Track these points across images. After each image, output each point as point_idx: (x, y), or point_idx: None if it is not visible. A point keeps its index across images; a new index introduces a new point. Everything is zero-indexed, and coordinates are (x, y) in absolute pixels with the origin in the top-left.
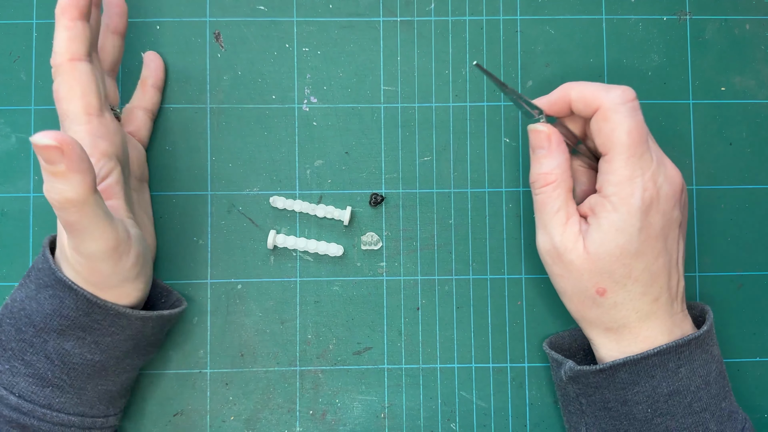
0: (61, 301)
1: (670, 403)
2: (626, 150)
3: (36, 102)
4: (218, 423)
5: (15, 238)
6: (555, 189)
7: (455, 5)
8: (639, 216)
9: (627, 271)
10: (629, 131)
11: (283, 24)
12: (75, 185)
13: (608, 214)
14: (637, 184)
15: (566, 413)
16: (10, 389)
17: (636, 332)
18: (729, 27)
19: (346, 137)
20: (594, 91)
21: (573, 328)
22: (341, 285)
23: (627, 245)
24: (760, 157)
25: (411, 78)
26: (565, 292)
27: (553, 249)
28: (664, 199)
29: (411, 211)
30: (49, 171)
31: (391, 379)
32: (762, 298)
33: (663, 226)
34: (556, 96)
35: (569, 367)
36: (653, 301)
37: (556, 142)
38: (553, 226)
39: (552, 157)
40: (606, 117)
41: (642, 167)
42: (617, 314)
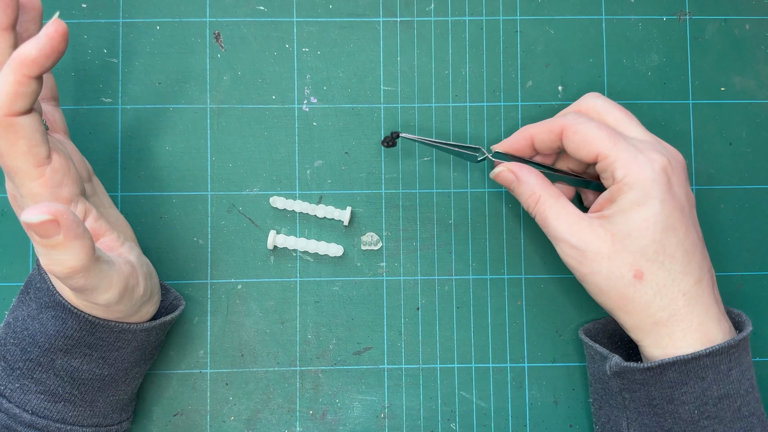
0: (63, 322)
1: (720, 406)
2: (609, 138)
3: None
4: (218, 423)
5: (15, 238)
6: (544, 203)
7: (455, 5)
8: (657, 186)
9: (660, 246)
10: (599, 126)
11: (283, 24)
12: (77, 252)
13: (626, 194)
14: (642, 159)
15: (605, 407)
16: (23, 407)
17: (689, 320)
18: (729, 27)
19: (346, 137)
20: (551, 123)
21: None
22: (341, 285)
23: (652, 218)
24: (760, 157)
25: (411, 78)
26: (601, 289)
27: (574, 250)
28: (677, 172)
29: (411, 211)
30: (46, 245)
31: (391, 379)
32: (762, 298)
33: (684, 201)
34: (517, 137)
35: (615, 363)
36: (696, 283)
37: (518, 170)
38: (563, 231)
39: (525, 184)
40: (574, 131)
41: (636, 147)
42: (663, 299)
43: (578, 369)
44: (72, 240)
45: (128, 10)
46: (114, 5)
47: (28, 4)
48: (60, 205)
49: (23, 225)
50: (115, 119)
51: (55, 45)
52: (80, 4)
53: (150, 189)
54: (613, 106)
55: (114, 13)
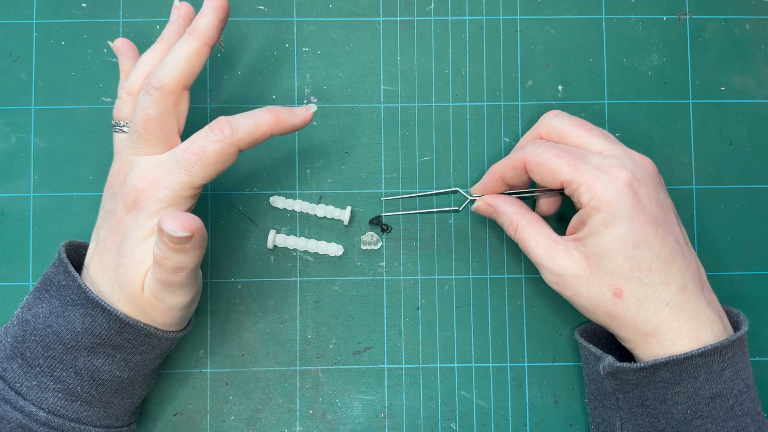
0: (93, 320)
1: (712, 405)
2: (569, 165)
3: (36, 102)
4: (218, 423)
5: (15, 238)
6: (523, 229)
7: (455, 5)
8: (622, 205)
9: (634, 263)
10: (557, 155)
11: (283, 24)
12: (194, 257)
13: (594, 217)
14: (605, 179)
15: (599, 407)
16: (39, 405)
17: (677, 327)
18: (729, 27)
19: (346, 137)
20: (513, 158)
21: None
22: (341, 285)
23: (621, 237)
24: (760, 157)
25: (411, 78)
26: (587, 309)
27: (554, 276)
28: (643, 184)
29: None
30: (172, 248)
31: (391, 379)
32: (762, 298)
33: (656, 211)
34: (487, 180)
35: (608, 363)
36: (680, 291)
37: (494, 202)
38: (541, 257)
39: (503, 214)
40: (535, 163)
41: (598, 167)
42: (647, 312)
43: (578, 369)
44: (195, 250)
45: (128, 10)
46: (114, 5)
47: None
48: (196, 219)
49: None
50: None
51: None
52: (80, 4)
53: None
54: (572, 124)
55: (114, 13)
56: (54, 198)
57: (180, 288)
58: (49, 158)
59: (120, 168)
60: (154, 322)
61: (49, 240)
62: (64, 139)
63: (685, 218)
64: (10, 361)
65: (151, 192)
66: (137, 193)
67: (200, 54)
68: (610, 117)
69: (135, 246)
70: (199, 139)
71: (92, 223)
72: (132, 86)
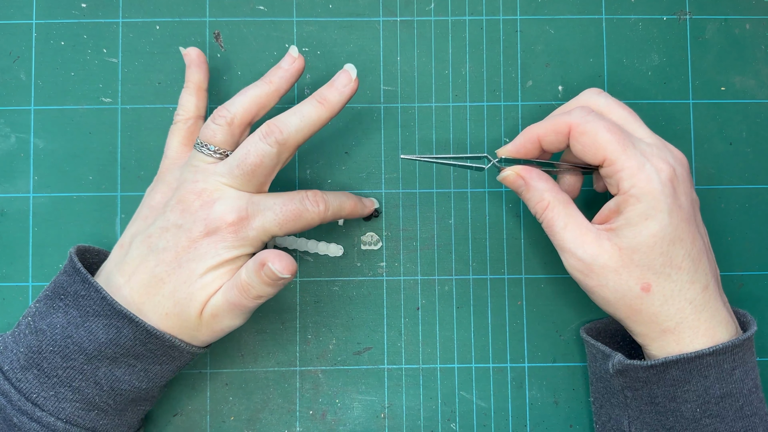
0: (118, 331)
1: (722, 405)
2: (618, 144)
3: (36, 102)
4: (218, 423)
5: (15, 238)
6: (553, 209)
7: (455, 5)
8: (664, 199)
9: (667, 259)
10: (608, 128)
11: (283, 24)
12: (279, 288)
13: (633, 207)
14: (650, 169)
15: (606, 405)
16: (56, 415)
17: (695, 327)
18: (729, 27)
19: (346, 137)
20: (557, 122)
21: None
22: (341, 285)
23: (660, 232)
24: (760, 157)
25: (411, 78)
26: (608, 301)
27: (580, 263)
28: (682, 179)
29: (411, 211)
30: (267, 283)
31: (391, 379)
32: (763, 298)
33: (689, 209)
34: (522, 140)
35: (618, 361)
36: (704, 290)
37: (526, 174)
38: (568, 241)
39: (533, 189)
40: (582, 131)
41: (644, 153)
42: (671, 309)
43: (579, 369)
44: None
45: (128, 10)
46: (114, 5)
47: None
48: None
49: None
50: (115, 119)
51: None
52: (80, 4)
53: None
54: (616, 105)
55: (114, 13)
56: (54, 198)
57: (246, 314)
58: (49, 158)
59: (204, 190)
60: (193, 339)
61: (49, 240)
62: (64, 139)
63: None
64: (25, 371)
65: (237, 227)
66: (224, 222)
67: (324, 122)
68: None
69: (206, 270)
70: (296, 202)
71: (92, 223)
72: (234, 118)
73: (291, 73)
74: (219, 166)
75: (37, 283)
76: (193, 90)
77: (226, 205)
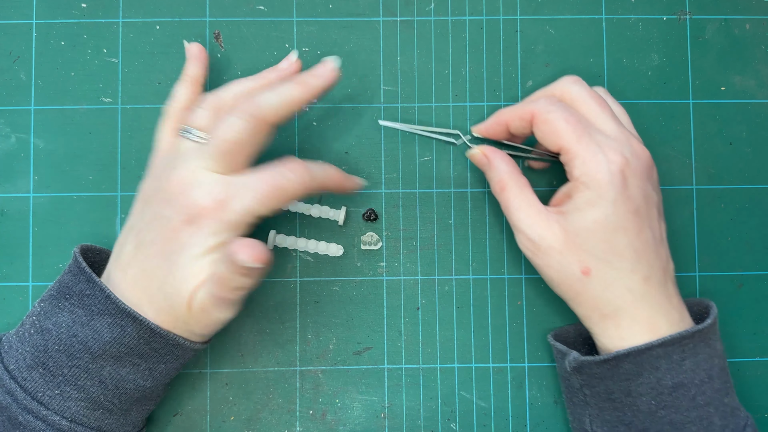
0: (122, 329)
1: (675, 395)
2: (573, 133)
3: (36, 102)
4: (218, 423)
5: (15, 238)
6: (510, 191)
7: (455, 5)
8: (611, 188)
9: (608, 246)
10: (566, 119)
11: (283, 24)
12: (255, 282)
13: (582, 193)
14: (601, 159)
15: (570, 404)
16: (61, 414)
17: (634, 314)
18: (729, 27)
19: (346, 137)
20: (522, 108)
21: (578, 322)
22: (341, 285)
23: (603, 219)
24: (760, 157)
25: (411, 78)
26: (553, 281)
27: (529, 242)
28: (634, 173)
29: (411, 211)
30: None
31: (391, 379)
32: (762, 298)
33: (640, 202)
34: (491, 122)
35: (573, 358)
36: (645, 281)
37: (491, 155)
38: (520, 221)
39: (495, 169)
40: (543, 120)
41: (599, 144)
42: (610, 295)
43: None
44: (259, 274)
45: (128, 10)
46: (114, 5)
47: None
48: (266, 251)
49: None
50: (115, 119)
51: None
52: (80, 4)
53: None
54: (588, 96)
55: (114, 13)
56: (54, 198)
57: (232, 305)
58: (49, 158)
59: (184, 176)
60: (190, 334)
61: (49, 240)
62: (64, 139)
63: (685, 218)
64: (31, 370)
65: (216, 212)
66: (202, 209)
67: (301, 103)
68: None
69: (190, 260)
70: (277, 176)
71: (92, 223)
72: (220, 104)
73: (286, 75)
74: (198, 150)
75: (37, 283)
76: (188, 82)
77: (202, 190)
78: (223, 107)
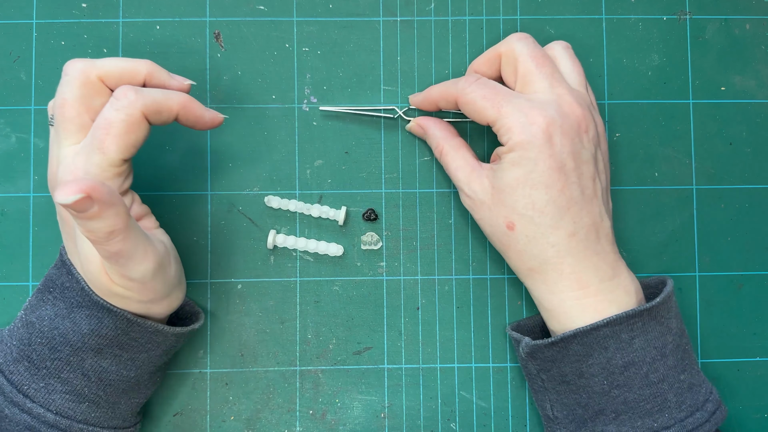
0: (99, 321)
1: (626, 374)
2: (492, 108)
3: (36, 102)
4: (218, 423)
5: (15, 238)
6: (447, 154)
7: (455, 5)
8: (531, 148)
9: (529, 202)
10: (483, 96)
11: (283, 24)
12: (112, 218)
13: (507, 155)
14: (523, 121)
15: (533, 392)
16: (46, 407)
17: (560, 268)
18: (729, 27)
19: (346, 137)
20: (446, 88)
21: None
22: (341, 285)
23: (523, 177)
24: (760, 157)
25: (411, 78)
26: (488, 235)
27: (468, 198)
28: (561, 131)
29: (411, 211)
30: (83, 217)
31: (391, 379)
32: (762, 298)
33: (566, 159)
34: (422, 98)
35: (525, 343)
36: (569, 236)
37: (425, 123)
38: (459, 180)
39: (431, 137)
40: (464, 101)
41: (521, 108)
42: (534, 249)
43: None
44: (107, 209)
45: (128, 10)
46: (114, 5)
47: None
48: (89, 180)
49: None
50: None
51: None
52: (80, 4)
53: (150, 189)
54: (529, 55)
55: (114, 13)
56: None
57: (132, 256)
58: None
59: (51, 167)
60: (146, 307)
61: (49, 240)
62: None
63: (685, 218)
64: (17, 363)
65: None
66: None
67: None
68: (610, 117)
69: (83, 242)
70: (104, 111)
71: None
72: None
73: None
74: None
75: (37, 283)
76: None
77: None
78: None
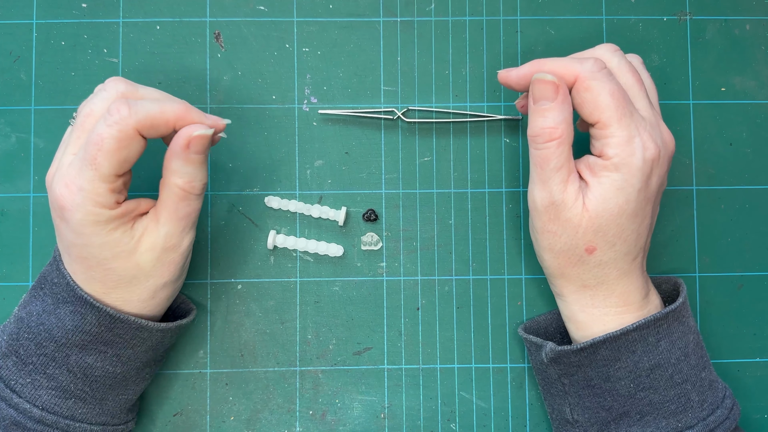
0: (82, 317)
1: (652, 376)
2: (615, 111)
3: (36, 102)
4: (218, 423)
5: (15, 238)
6: (560, 145)
7: (455, 5)
8: (640, 176)
9: (619, 231)
10: (612, 93)
11: (283, 24)
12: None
13: (610, 174)
14: (637, 144)
15: (548, 396)
16: (33, 402)
17: (612, 288)
18: (729, 27)
19: (346, 137)
20: (567, 65)
21: (547, 312)
22: (341, 285)
23: (625, 205)
24: (760, 157)
25: (411, 78)
26: (553, 249)
27: (551, 205)
28: (662, 162)
29: (411, 211)
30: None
31: (391, 379)
32: (762, 299)
33: (655, 192)
34: (526, 70)
35: (550, 349)
36: (632, 260)
37: (563, 94)
38: (554, 183)
39: (558, 111)
40: (586, 87)
41: (637, 126)
42: (600, 272)
43: None
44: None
45: (128, 10)
46: (114, 5)
47: None
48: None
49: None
50: None
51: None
52: (80, 4)
53: (150, 189)
54: (627, 69)
55: (114, 13)
56: None
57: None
58: (49, 158)
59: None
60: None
61: (49, 240)
62: None
63: (685, 218)
64: (6, 358)
65: (69, 198)
66: (59, 199)
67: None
68: None
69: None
70: (97, 126)
71: None
72: None
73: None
74: None
75: None
76: None
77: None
78: None
